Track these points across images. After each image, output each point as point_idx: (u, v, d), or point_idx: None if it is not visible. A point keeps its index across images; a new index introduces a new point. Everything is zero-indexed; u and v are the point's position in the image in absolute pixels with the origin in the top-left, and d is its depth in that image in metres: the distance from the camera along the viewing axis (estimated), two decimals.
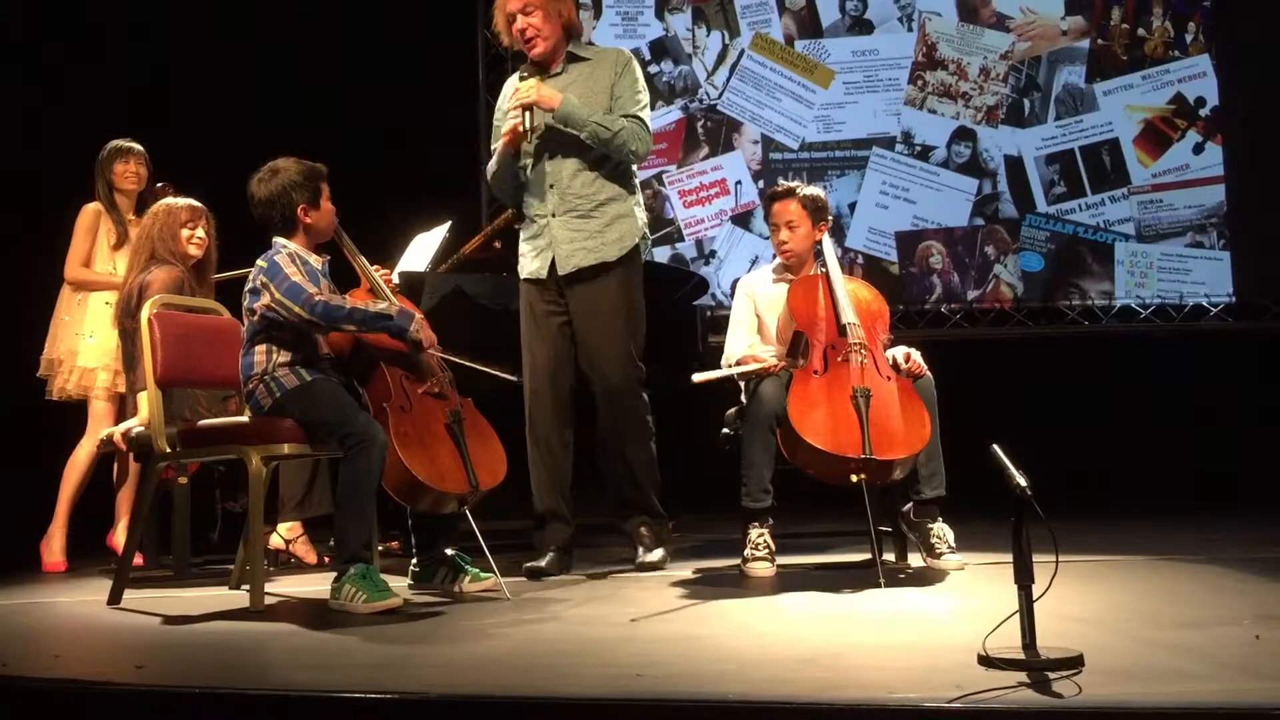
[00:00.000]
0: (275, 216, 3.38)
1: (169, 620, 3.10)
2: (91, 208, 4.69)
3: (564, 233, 3.85)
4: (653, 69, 6.76)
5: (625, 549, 3.94)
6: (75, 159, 4.83)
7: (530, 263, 3.94)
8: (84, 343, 4.56)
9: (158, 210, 4.28)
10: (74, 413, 4.62)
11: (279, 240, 3.40)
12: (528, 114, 3.78)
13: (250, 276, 3.35)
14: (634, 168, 3.97)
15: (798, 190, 3.84)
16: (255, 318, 3.31)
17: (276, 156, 3.46)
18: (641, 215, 3.96)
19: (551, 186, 3.88)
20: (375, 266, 3.68)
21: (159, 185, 4.72)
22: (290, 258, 3.32)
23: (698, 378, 3.57)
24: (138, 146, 4.75)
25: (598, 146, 3.80)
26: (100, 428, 4.48)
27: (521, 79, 3.86)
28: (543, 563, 3.77)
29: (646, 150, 3.92)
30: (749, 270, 6.11)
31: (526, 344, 3.94)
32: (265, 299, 3.28)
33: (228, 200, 4.15)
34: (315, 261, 3.42)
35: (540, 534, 3.88)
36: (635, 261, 3.90)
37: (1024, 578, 2.14)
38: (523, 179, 3.97)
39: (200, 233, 4.25)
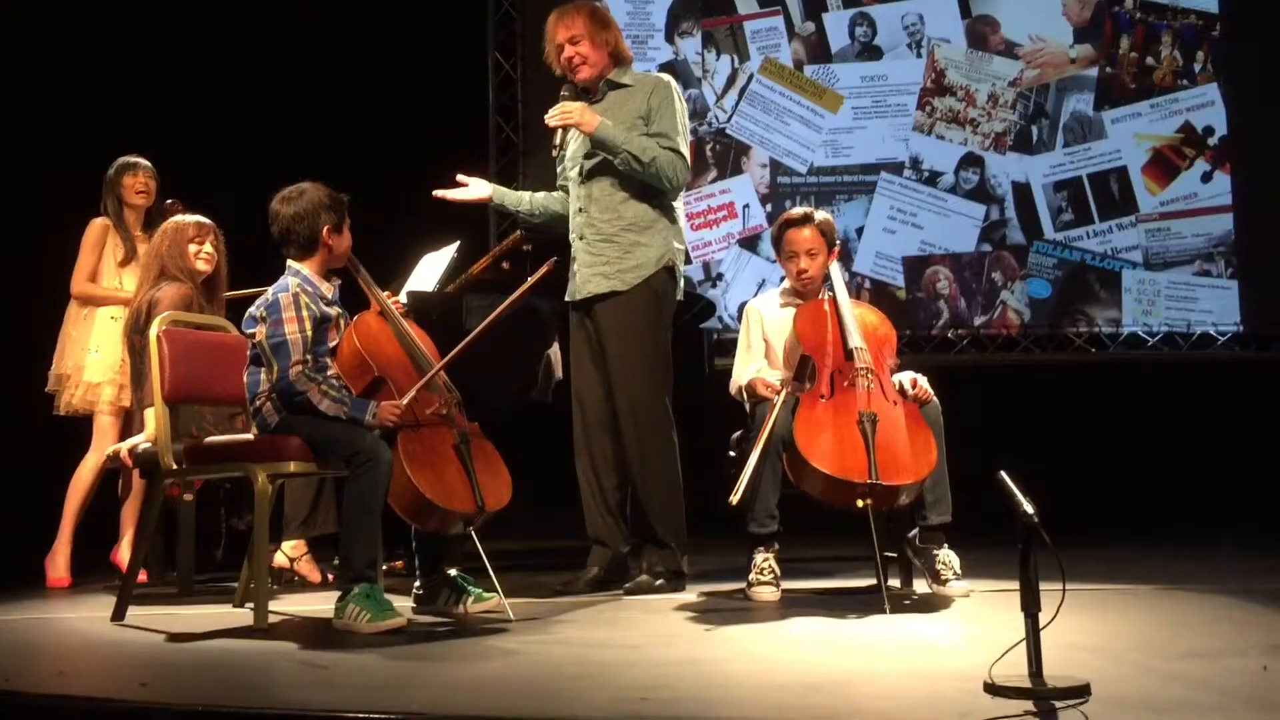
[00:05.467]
0: (300, 233, 3.38)
1: (173, 638, 3.10)
2: (99, 222, 4.70)
3: (585, 257, 3.93)
4: None
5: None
6: (87, 173, 4.84)
7: (569, 285, 4.01)
8: (89, 358, 4.56)
9: (166, 228, 4.30)
10: (81, 427, 4.62)
11: (292, 266, 3.41)
12: (559, 132, 3.91)
13: (258, 301, 3.36)
14: (673, 199, 3.99)
15: (814, 216, 3.84)
16: (255, 340, 3.33)
17: (286, 176, 3.47)
18: (671, 244, 3.94)
19: (581, 210, 3.95)
20: (387, 294, 3.68)
21: (168, 202, 4.74)
22: (295, 299, 3.30)
23: (735, 499, 3.40)
24: (145, 161, 4.75)
25: (631, 173, 3.84)
26: (105, 443, 4.48)
27: (563, 96, 3.93)
28: (574, 582, 3.85)
29: (682, 181, 3.95)
30: (756, 293, 6.13)
31: (572, 364, 4.05)
32: (258, 334, 3.30)
33: (238, 216, 4.17)
34: (326, 289, 3.43)
35: (590, 555, 3.95)
36: (655, 290, 3.89)
37: (1030, 605, 2.13)
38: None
39: (209, 249, 4.26)
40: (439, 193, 4.06)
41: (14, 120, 5.85)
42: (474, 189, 4.08)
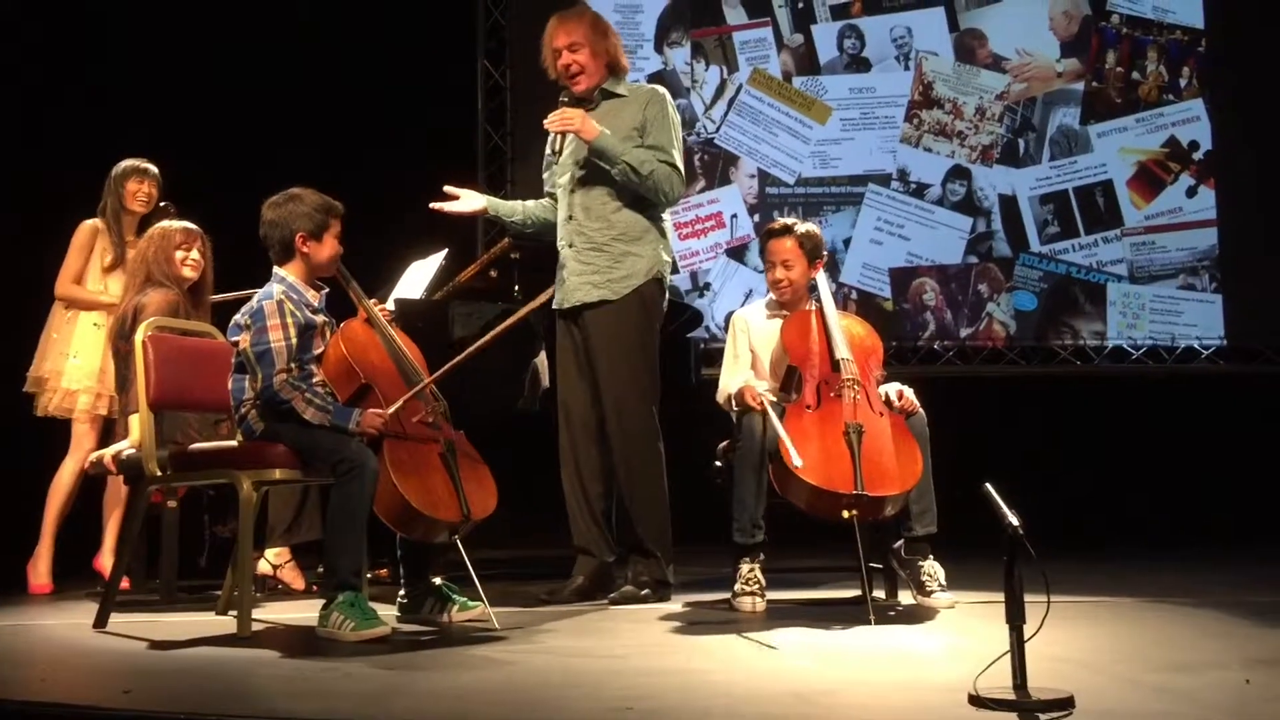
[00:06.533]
0: (274, 239, 3.39)
1: (156, 645, 3.09)
2: (88, 225, 4.68)
3: (574, 265, 3.93)
4: None
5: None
6: (87, 171, 4.81)
7: (556, 293, 4.01)
8: (68, 363, 4.53)
9: (153, 233, 4.28)
10: (63, 430, 4.59)
11: (277, 272, 3.41)
12: (557, 138, 3.91)
13: (243, 309, 3.35)
14: (663, 210, 4.00)
15: (795, 228, 3.85)
16: (239, 347, 3.32)
17: (276, 182, 3.47)
18: (660, 254, 3.95)
19: (571, 218, 3.94)
20: (374, 302, 3.67)
21: (161, 204, 4.72)
22: (279, 305, 3.29)
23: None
24: (154, 169, 4.71)
25: (627, 184, 3.84)
26: (82, 448, 4.47)
27: (562, 103, 3.92)
28: (560, 591, 3.83)
29: (677, 195, 3.96)
30: (743, 303, 6.14)
31: (559, 374, 4.03)
32: (243, 342, 3.29)
33: (230, 222, 4.15)
34: (312, 296, 3.42)
35: (575, 564, 3.94)
36: (644, 300, 3.90)
37: (1015, 617, 2.14)
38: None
39: (195, 255, 4.25)
40: (435, 205, 4.05)
41: (12, 116, 5.83)
42: (468, 202, 4.07)
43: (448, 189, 4.06)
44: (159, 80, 6.10)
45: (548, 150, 4.00)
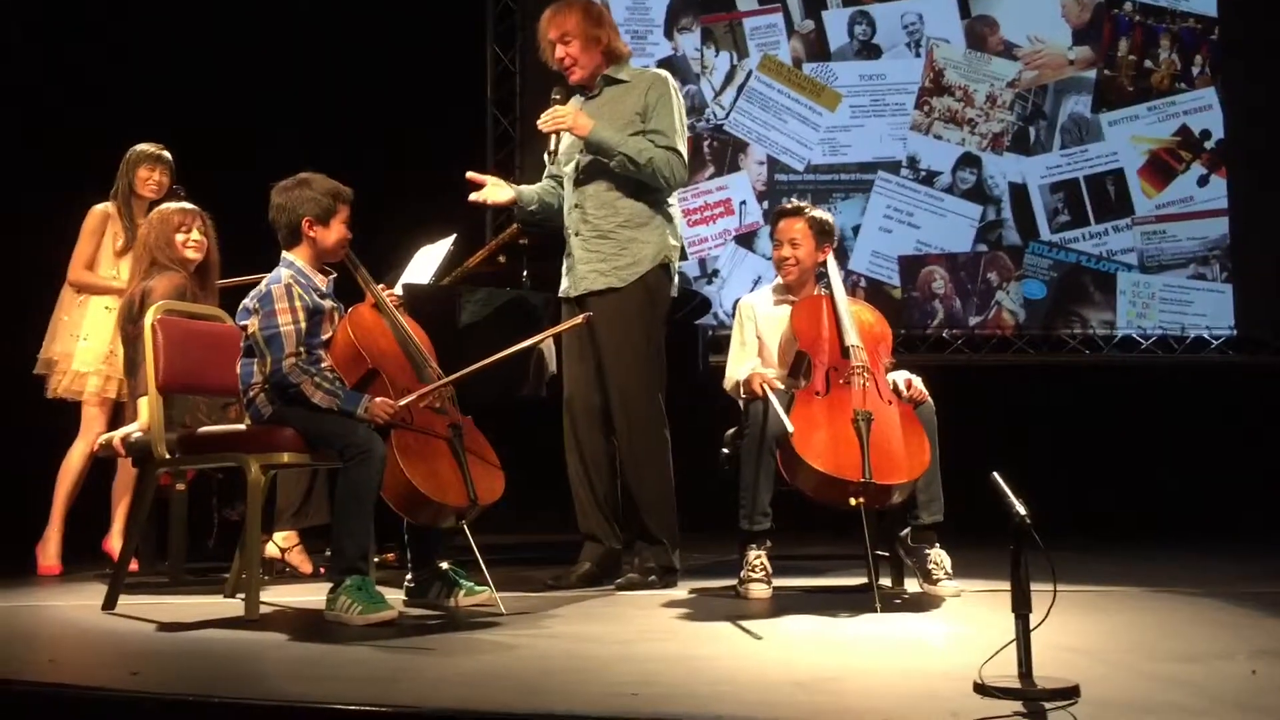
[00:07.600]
0: (281, 223, 3.40)
1: (164, 627, 3.10)
2: (99, 210, 4.68)
3: (581, 253, 3.93)
4: None
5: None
6: (98, 155, 4.81)
7: (563, 280, 4.01)
8: (78, 345, 4.54)
9: (152, 218, 4.28)
10: (73, 413, 4.61)
11: (285, 256, 3.41)
12: (553, 136, 3.87)
13: (251, 293, 3.35)
14: (669, 196, 3.98)
15: (806, 210, 3.86)
16: (248, 331, 3.33)
17: (285, 167, 3.47)
18: (667, 240, 3.94)
19: (577, 206, 3.94)
20: (382, 287, 3.67)
21: (173, 188, 4.72)
22: (288, 289, 3.30)
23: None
24: (167, 155, 4.71)
25: (626, 174, 3.84)
26: (92, 431, 4.48)
27: (554, 99, 3.90)
28: (566, 576, 3.84)
29: (679, 180, 3.94)
30: (751, 289, 6.12)
31: (564, 361, 4.03)
32: (251, 326, 3.30)
33: (242, 206, 4.16)
34: (320, 281, 3.43)
35: (582, 550, 3.95)
36: (650, 287, 3.89)
37: (1021, 606, 2.14)
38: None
39: (196, 235, 4.23)
40: (474, 197, 4.02)
41: (22, 99, 5.83)
42: (498, 192, 4.02)
43: (471, 176, 4.03)
44: (169, 62, 6.09)
45: (551, 149, 3.96)
